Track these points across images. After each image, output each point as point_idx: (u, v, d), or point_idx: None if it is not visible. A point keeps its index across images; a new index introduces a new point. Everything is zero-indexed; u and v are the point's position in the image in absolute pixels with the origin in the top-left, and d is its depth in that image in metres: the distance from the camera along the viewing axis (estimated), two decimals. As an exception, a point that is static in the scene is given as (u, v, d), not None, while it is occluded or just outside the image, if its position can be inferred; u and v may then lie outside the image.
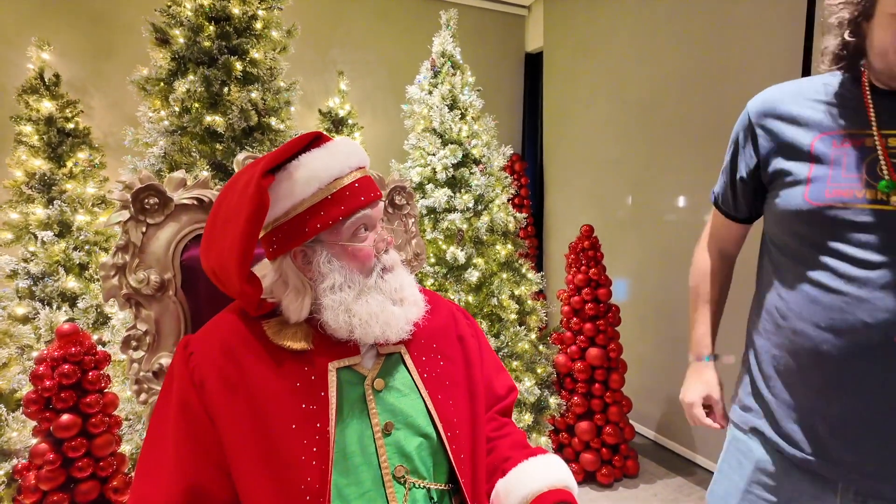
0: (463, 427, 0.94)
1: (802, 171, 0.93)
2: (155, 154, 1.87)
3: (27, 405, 1.51)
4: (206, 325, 0.95)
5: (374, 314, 0.88)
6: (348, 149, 0.91)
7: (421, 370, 0.95)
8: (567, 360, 2.69)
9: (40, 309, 1.97)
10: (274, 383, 0.85)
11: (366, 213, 0.90)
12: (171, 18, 1.94)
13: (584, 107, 3.66)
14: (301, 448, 0.81)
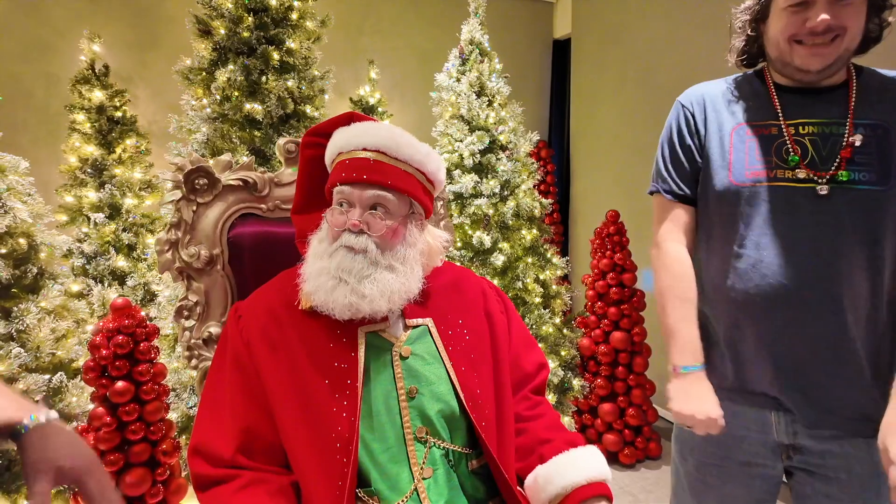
0: (485, 397, 0.99)
1: (725, 157, 1.10)
2: (198, 140, 1.98)
3: (86, 372, 1.64)
4: (254, 292, 1.05)
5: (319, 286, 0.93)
6: (364, 129, 0.97)
7: (446, 343, 1.00)
8: (591, 344, 2.73)
9: (93, 286, 2.11)
10: (310, 343, 0.94)
11: (341, 188, 0.95)
12: (212, 10, 2.03)
13: (612, 93, 3.65)
14: (333, 401, 0.90)
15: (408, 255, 0.96)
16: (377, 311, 0.93)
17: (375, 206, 0.94)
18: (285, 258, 1.24)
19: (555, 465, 0.97)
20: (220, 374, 0.97)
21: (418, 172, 0.99)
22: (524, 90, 4.05)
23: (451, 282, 1.09)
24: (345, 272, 0.91)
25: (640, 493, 2.50)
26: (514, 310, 1.17)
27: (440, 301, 1.05)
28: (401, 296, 0.94)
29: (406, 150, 0.97)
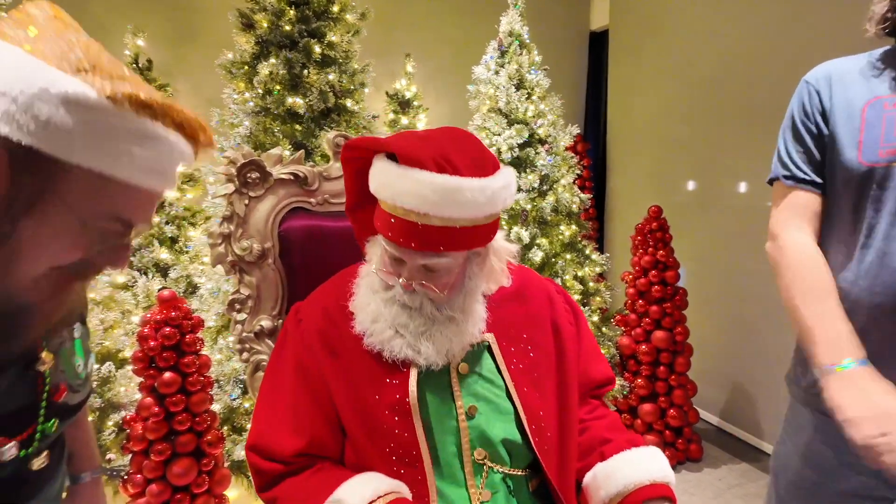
0: (549, 419, 0.93)
1: (855, 135, 0.96)
2: (240, 134, 1.99)
3: (135, 362, 1.67)
4: (315, 292, 1.04)
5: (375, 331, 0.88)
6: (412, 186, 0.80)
7: (508, 360, 0.94)
8: (631, 343, 2.68)
9: (138, 277, 2.15)
10: (364, 352, 0.91)
11: (386, 244, 0.87)
12: (255, 4, 2.03)
13: (651, 86, 3.56)
14: (384, 417, 0.88)
15: (467, 301, 0.90)
16: (434, 364, 0.88)
17: (428, 268, 0.86)
18: (334, 252, 1.23)
19: (617, 462, 0.94)
20: (280, 377, 0.95)
21: (481, 218, 0.85)
22: (560, 83, 3.96)
23: (514, 291, 1.00)
24: (401, 327, 0.88)
25: (680, 496, 2.44)
26: (584, 318, 1.09)
27: (503, 314, 0.98)
28: (460, 345, 0.89)
29: (461, 209, 0.81)
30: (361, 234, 1.00)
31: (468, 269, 0.91)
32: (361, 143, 0.89)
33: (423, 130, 0.91)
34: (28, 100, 0.48)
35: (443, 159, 0.81)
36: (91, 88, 0.51)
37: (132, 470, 1.68)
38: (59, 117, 0.49)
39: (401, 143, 0.83)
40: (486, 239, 0.89)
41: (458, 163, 0.82)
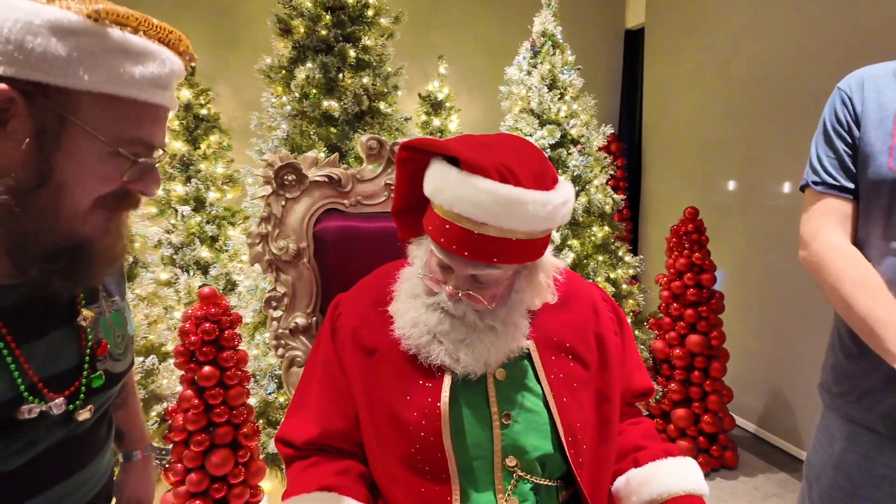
0: (587, 432, 0.91)
1: (886, 140, 0.95)
2: (278, 137, 2.04)
3: (176, 356, 1.74)
4: (356, 286, 1.06)
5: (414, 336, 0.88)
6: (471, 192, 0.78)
7: (548, 369, 0.92)
8: (665, 346, 2.63)
9: (180, 274, 2.23)
10: (399, 353, 0.91)
11: (437, 251, 0.86)
12: (292, 10, 2.09)
13: (688, 85, 3.49)
14: (413, 419, 0.88)
15: (511, 315, 0.89)
16: (473, 373, 0.88)
17: (477, 278, 0.85)
18: (366, 252, 1.26)
19: (652, 470, 0.92)
20: (312, 368, 0.99)
21: (536, 232, 0.83)
22: (594, 82, 3.93)
23: (559, 298, 0.97)
24: (441, 334, 0.88)
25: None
26: (629, 327, 1.06)
27: (545, 322, 0.96)
28: (498, 357, 0.88)
29: (520, 222, 0.79)
30: (405, 235, 1.00)
31: (516, 283, 0.90)
32: (419, 144, 0.87)
33: (485, 136, 0.88)
34: (19, 36, 0.51)
35: (505, 169, 0.79)
36: (70, 12, 0.54)
37: (173, 459, 1.75)
38: (52, 47, 0.53)
39: (463, 148, 0.81)
40: (538, 253, 0.87)
41: (520, 174, 0.79)
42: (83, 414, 0.68)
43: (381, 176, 1.31)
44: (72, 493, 0.70)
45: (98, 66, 0.55)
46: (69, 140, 0.56)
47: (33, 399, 0.62)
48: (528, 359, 0.93)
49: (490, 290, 0.86)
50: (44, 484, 0.66)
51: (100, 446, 0.76)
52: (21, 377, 0.61)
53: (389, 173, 1.31)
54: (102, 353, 0.72)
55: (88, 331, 0.71)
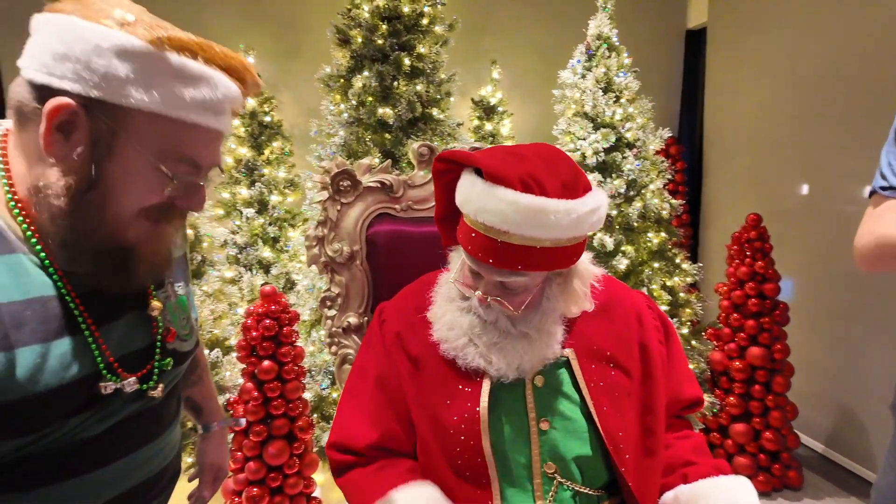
0: (629, 441, 0.90)
1: None
2: (335, 143, 2.13)
3: (239, 350, 1.84)
4: (398, 294, 1.10)
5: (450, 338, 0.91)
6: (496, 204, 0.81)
7: (588, 377, 0.92)
8: (724, 358, 2.53)
9: (243, 273, 2.36)
10: (439, 358, 0.94)
11: (467, 257, 0.88)
12: (350, 20, 2.17)
13: (752, 85, 3.34)
14: (453, 423, 0.90)
15: (544, 322, 0.90)
16: (506, 377, 0.90)
17: (505, 284, 0.87)
18: (416, 256, 1.30)
19: (703, 488, 0.89)
20: (361, 375, 1.01)
21: (562, 240, 0.84)
22: (652, 84, 3.83)
23: (600, 306, 0.97)
24: (476, 336, 0.90)
25: (775, 525, 2.28)
26: (675, 335, 1.04)
27: (586, 329, 0.96)
28: (533, 363, 0.89)
29: (544, 231, 0.80)
30: (448, 242, 1.03)
31: (547, 290, 0.90)
32: (451, 156, 0.91)
33: (517, 146, 0.90)
34: (86, 57, 0.57)
35: (530, 178, 0.80)
36: (135, 37, 0.59)
37: (234, 447, 1.85)
38: (112, 67, 0.58)
39: (488, 160, 0.83)
40: (569, 261, 0.87)
41: (547, 183, 0.81)
42: (155, 393, 0.75)
43: (430, 182, 1.34)
44: (145, 462, 0.76)
45: (152, 88, 0.60)
46: (119, 152, 0.61)
47: (110, 377, 0.68)
48: (568, 367, 0.93)
49: (518, 297, 0.87)
50: (120, 451, 0.72)
51: (170, 420, 0.82)
52: (100, 356, 0.68)
53: (440, 179, 1.35)
54: (171, 340, 0.78)
55: (159, 319, 0.77)
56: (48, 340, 0.62)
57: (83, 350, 0.66)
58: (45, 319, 0.63)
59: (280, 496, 1.83)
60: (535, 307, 0.90)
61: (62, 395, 0.63)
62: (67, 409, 0.64)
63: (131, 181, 0.63)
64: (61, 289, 0.65)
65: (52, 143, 0.60)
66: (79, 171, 0.61)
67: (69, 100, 0.58)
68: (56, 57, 0.58)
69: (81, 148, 0.60)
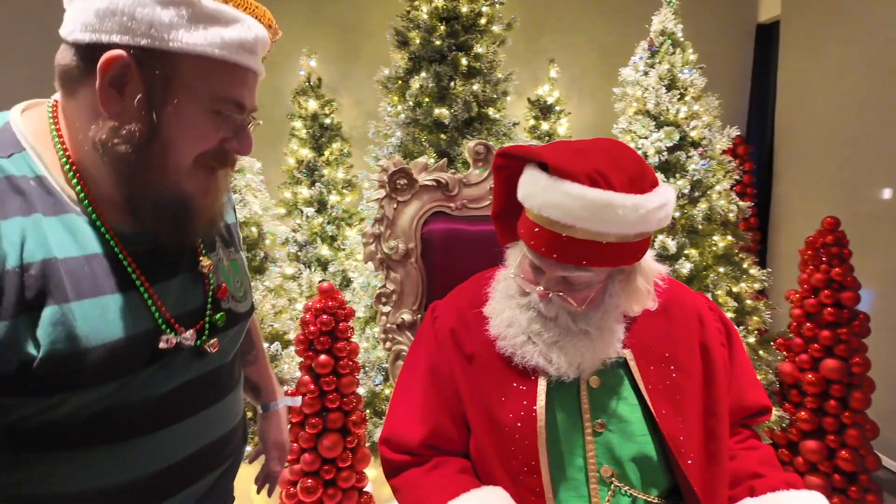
0: (691, 446, 0.87)
1: None
2: (392, 144, 2.16)
3: (297, 344, 1.90)
4: (451, 293, 1.10)
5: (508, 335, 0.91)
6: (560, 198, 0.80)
7: (646, 379, 0.89)
8: (794, 370, 2.38)
9: (303, 270, 2.44)
10: (494, 355, 0.93)
11: (529, 252, 0.87)
12: (409, 22, 2.20)
13: (829, 81, 3.13)
14: (508, 420, 0.89)
15: (605, 320, 0.88)
16: (566, 376, 0.88)
17: (567, 280, 0.86)
18: (470, 254, 1.29)
19: (771, 501, 0.84)
20: (413, 372, 1.02)
21: (628, 236, 0.82)
22: (719, 81, 3.66)
23: (659, 306, 0.94)
24: (534, 334, 0.89)
25: (851, 552, 2.12)
26: (739, 340, 1.00)
27: (644, 330, 0.93)
28: (593, 362, 0.87)
29: (609, 226, 0.79)
30: (504, 239, 1.02)
31: (610, 286, 0.88)
32: (513, 151, 0.90)
33: (581, 141, 0.89)
34: (131, 9, 0.60)
35: (596, 173, 0.79)
36: None
37: (291, 438, 1.91)
38: (157, 15, 0.61)
39: (553, 154, 0.83)
40: (634, 258, 0.85)
41: (613, 178, 0.79)
42: (211, 348, 0.77)
43: (486, 180, 1.34)
44: (212, 422, 0.79)
45: (195, 31, 0.63)
46: (173, 98, 0.64)
47: (169, 332, 0.71)
48: (625, 367, 0.91)
49: (581, 293, 0.86)
50: (187, 411, 0.75)
51: (233, 385, 0.85)
52: (157, 312, 0.70)
53: (496, 177, 1.34)
54: (223, 295, 0.81)
55: (210, 276, 0.80)
56: (105, 294, 0.65)
57: (140, 307, 0.69)
58: (101, 275, 0.66)
59: (333, 489, 1.87)
60: (597, 304, 0.88)
61: (126, 349, 0.66)
62: (133, 363, 0.67)
63: (188, 125, 0.65)
64: (114, 248, 0.67)
65: (109, 98, 0.62)
66: (139, 119, 0.63)
67: (121, 51, 0.61)
68: (100, 14, 0.61)
69: (139, 96, 0.63)
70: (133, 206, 0.68)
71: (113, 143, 0.64)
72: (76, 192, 0.67)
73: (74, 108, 0.66)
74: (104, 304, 0.65)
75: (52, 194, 0.65)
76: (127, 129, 0.63)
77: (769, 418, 1.01)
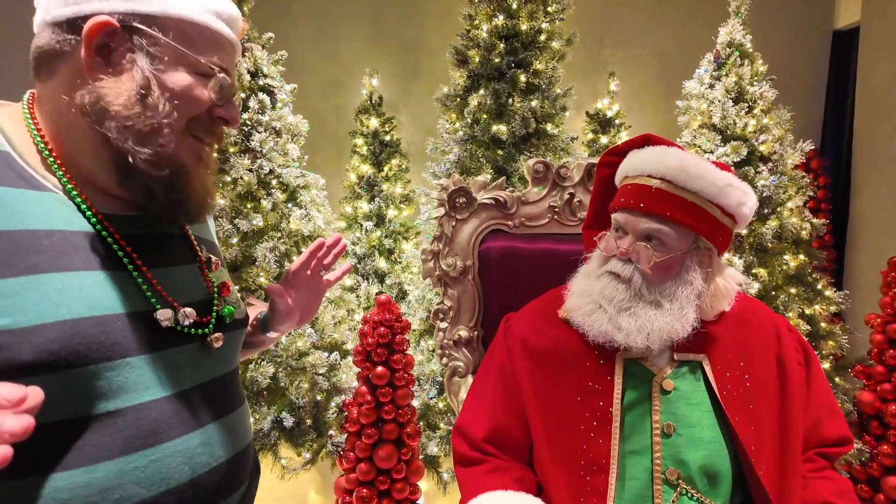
0: (764, 458, 0.86)
1: None
2: (450, 160, 2.19)
3: (355, 355, 1.95)
4: (526, 306, 1.13)
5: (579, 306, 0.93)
6: (654, 154, 0.92)
7: (720, 385, 0.89)
8: (875, 400, 2.22)
9: (361, 282, 2.51)
10: (570, 359, 0.96)
11: (618, 215, 0.93)
12: (469, 41, 2.24)
13: (921, 88, 2.92)
14: (582, 419, 0.90)
15: (678, 292, 0.88)
16: (633, 346, 0.89)
17: (650, 237, 0.89)
18: (528, 272, 1.30)
19: None
20: (487, 373, 1.07)
21: (711, 205, 0.89)
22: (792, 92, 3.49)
23: (736, 315, 0.96)
24: (605, 299, 0.90)
25: None
26: (818, 364, 0.99)
27: (720, 336, 0.94)
28: (661, 336, 0.87)
29: (697, 181, 0.88)
30: (589, 247, 1.06)
31: (688, 260, 0.90)
32: (621, 146, 1.00)
33: None
34: None
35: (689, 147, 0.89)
36: None
37: (347, 447, 1.96)
38: None
39: (654, 136, 0.97)
40: (713, 234, 0.89)
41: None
42: (216, 341, 0.75)
43: (545, 198, 1.34)
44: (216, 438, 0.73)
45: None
46: (160, 61, 0.65)
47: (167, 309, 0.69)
48: (700, 372, 0.91)
49: (660, 251, 0.88)
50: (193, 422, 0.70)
51: (238, 402, 0.81)
52: (151, 292, 0.69)
53: (554, 195, 1.34)
54: (227, 293, 0.81)
55: (212, 276, 0.80)
56: (81, 271, 0.63)
57: (131, 287, 0.67)
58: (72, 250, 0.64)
59: (387, 500, 1.90)
60: (672, 275, 0.89)
61: (119, 325, 0.64)
62: (130, 343, 0.65)
63: (178, 86, 0.66)
64: (101, 231, 0.67)
65: (95, 66, 0.63)
66: (129, 79, 0.64)
67: (106, 16, 0.62)
68: None
69: (126, 59, 0.64)
70: (123, 176, 0.67)
71: (101, 105, 0.63)
72: (59, 176, 0.66)
73: (55, 86, 0.66)
74: (84, 279, 0.63)
75: (11, 167, 0.64)
76: (115, 90, 0.63)
77: (850, 450, 0.96)
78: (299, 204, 2.06)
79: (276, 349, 2.00)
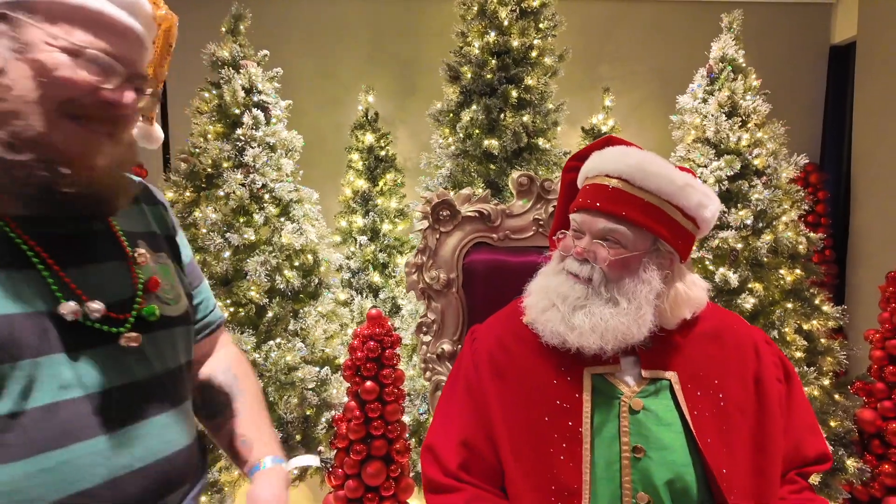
0: (736, 482, 0.82)
1: None
2: (442, 175, 2.20)
3: (345, 370, 1.94)
4: (491, 317, 1.11)
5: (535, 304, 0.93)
6: (613, 154, 0.93)
7: (691, 405, 0.86)
8: (876, 418, 2.18)
9: (355, 296, 2.50)
10: (536, 376, 0.93)
11: (576, 215, 0.92)
12: (462, 58, 2.26)
13: (917, 103, 2.92)
14: (551, 441, 0.87)
15: (637, 291, 0.86)
16: (586, 347, 0.86)
17: (607, 237, 0.87)
18: (513, 285, 1.28)
19: None
20: (453, 389, 1.04)
21: (670, 206, 0.87)
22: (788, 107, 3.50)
23: (711, 331, 0.93)
24: (559, 297, 0.88)
25: None
26: (798, 380, 0.95)
27: (692, 353, 0.91)
28: (616, 335, 0.85)
29: (654, 180, 0.87)
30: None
31: (647, 261, 0.89)
32: (583, 150, 1.01)
33: None
34: None
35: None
36: None
37: (336, 464, 1.93)
38: None
39: (615, 137, 0.99)
40: (673, 238, 0.88)
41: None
42: (130, 342, 0.71)
43: (529, 211, 1.34)
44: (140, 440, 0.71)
45: None
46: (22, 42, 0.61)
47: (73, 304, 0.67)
48: (670, 392, 0.88)
49: (616, 250, 0.87)
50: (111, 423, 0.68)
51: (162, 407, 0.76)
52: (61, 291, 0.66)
53: (539, 208, 1.34)
54: (154, 288, 0.77)
55: (139, 271, 0.76)
56: None
57: (40, 286, 0.66)
58: None
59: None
60: (631, 274, 0.87)
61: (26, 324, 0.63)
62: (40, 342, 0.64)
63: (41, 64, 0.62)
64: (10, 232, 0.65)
65: None
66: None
67: None
68: None
69: None
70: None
71: None
72: None
73: None
74: None
75: None
76: None
77: (827, 468, 0.93)
78: (292, 218, 2.06)
79: (265, 363, 1.99)
